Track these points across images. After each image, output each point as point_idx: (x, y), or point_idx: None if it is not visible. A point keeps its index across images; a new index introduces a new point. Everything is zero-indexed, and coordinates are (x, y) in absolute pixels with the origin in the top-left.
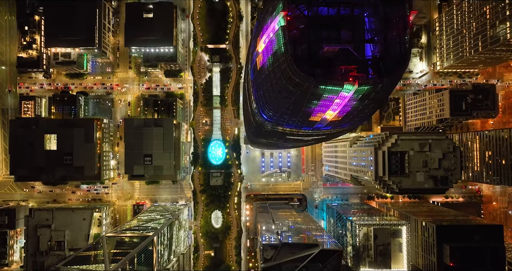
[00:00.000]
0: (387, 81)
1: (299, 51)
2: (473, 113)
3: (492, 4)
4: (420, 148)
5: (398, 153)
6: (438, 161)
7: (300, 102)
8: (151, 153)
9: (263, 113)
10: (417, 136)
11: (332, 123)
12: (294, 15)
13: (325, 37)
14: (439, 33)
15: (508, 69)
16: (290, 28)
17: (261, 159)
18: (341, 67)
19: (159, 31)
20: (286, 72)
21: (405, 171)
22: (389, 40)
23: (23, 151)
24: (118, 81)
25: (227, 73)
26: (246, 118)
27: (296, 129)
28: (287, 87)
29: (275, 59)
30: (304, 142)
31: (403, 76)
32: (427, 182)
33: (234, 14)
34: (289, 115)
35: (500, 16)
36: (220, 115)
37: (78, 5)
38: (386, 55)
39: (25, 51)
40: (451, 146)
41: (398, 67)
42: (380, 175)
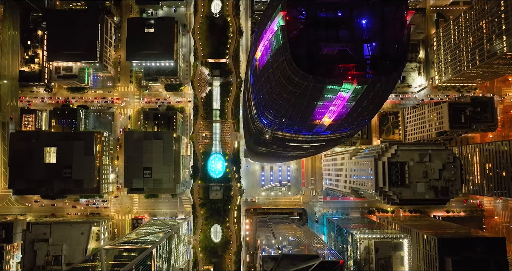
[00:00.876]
0: (386, 80)
1: (298, 50)
2: (472, 126)
3: (488, 19)
4: (420, 158)
5: (398, 163)
6: (438, 172)
7: (300, 104)
8: (150, 166)
9: (262, 118)
10: (417, 147)
11: (331, 127)
12: (293, 16)
13: (324, 37)
14: (436, 48)
15: (506, 83)
16: (289, 28)
17: (261, 172)
18: (340, 65)
19: (160, 46)
20: (286, 71)
21: (406, 181)
22: (387, 40)
23: (22, 164)
24: (118, 95)
25: (227, 87)
26: (246, 126)
27: (296, 134)
28: (286, 88)
29: (275, 60)
30: (304, 149)
31: (402, 91)
32: (428, 193)
33: (234, 29)
34: (289, 118)
35: (496, 30)
36: (220, 128)
37: (81, 20)
38: (384, 55)
39: (27, 65)
40: (451, 156)
41: (396, 66)
42: (380, 185)
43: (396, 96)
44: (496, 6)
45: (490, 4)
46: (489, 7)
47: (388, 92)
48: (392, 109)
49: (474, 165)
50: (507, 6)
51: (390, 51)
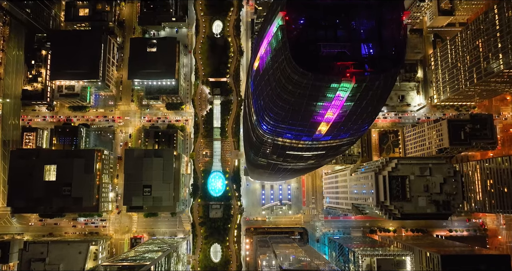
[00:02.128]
0: (384, 78)
1: (297, 49)
2: (473, 143)
3: (484, 38)
4: (421, 172)
5: (399, 177)
6: (439, 186)
7: (299, 105)
8: (150, 183)
9: (263, 123)
10: (417, 160)
11: (330, 131)
12: (292, 16)
13: (322, 36)
14: (434, 67)
15: (504, 102)
16: (288, 28)
17: (261, 191)
18: (338, 63)
19: (162, 65)
20: (285, 71)
21: (407, 195)
22: (384, 40)
23: (21, 182)
24: (120, 114)
25: (227, 105)
26: (247, 137)
27: (296, 141)
28: (286, 88)
29: (275, 61)
30: (304, 160)
31: (401, 110)
32: (429, 207)
33: (235, 49)
34: (289, 122)
35: (492, 48)
36: (221, 147)
37: (84, 39)
38: (382, 54)
39: (30, 84)
40: (451, 170)
41: (394, 64)
42: (381, 200)
43: (395, 115)
44: (491, 25)
45: (485, 24)
46: (484, 26)
47: (386, 93)
48: (392, 128)
49: (475, 182)
50: (502, 25)
51: (388, 50)
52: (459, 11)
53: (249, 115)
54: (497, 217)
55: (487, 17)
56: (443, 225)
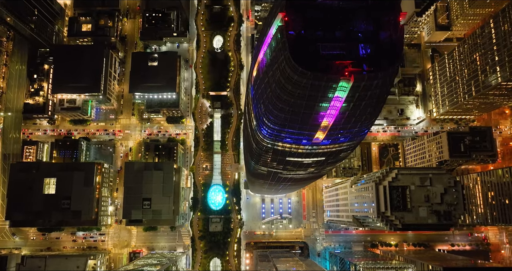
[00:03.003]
0: (382, 77)
1: (296, 49)
2: (472, 155)
3: (481, 52)
4: (421, 182)
5: (399, 187)
6: (440, 196)
7: (299, 106)
8: (150, 196)
9: (262, 128)
10: (417, 171)
11: (330, 135)
12: (291, 17)
13: (321, 37)
14: (433, 81)
15: (503, 116)
16: (287, 29)
17: (261, 205)
18: (337, 62)
19: (163, 78)
20: (285, 71)
21: (407, 206)
22: (382, 40)
23: (21, 195)
24: (120, 128)
25: (228, 119)
26: (247, 145)
27: (296, 145)
28: (286, 88)
29: (274, 62)
30: (304, 167)
31: (400, 123)
32: (431, 217)
33: (235, 64)
34: (288, 124)
35: (490, 62)
36: (221, 160)
37: (86, 54)
38: (380, 54)
39: (32, 98)
40: (451, 180)
41: (391, 63)
42: (382, 210)
43: (395, 128)
44: (488, 39)
45: (482, 38)
46: (481, 41)
47: (384, 93)
48: (392, 141)
49: (476, 195)
50: (499, 39)
51: (385, 50)
52: (456, 26)
53: (249, 122)
54: (499, 231)
55: (484, 31)
56: (445, 239)
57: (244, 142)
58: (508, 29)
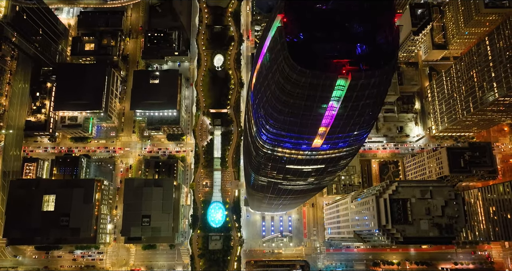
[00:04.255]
0: (379, 75)
1: (295, 49)
2: (473, 170)
3: (478, 68)
4: (422, 195)
5: (400, 200)
6: (441, 208)
7: (298, 107)
8: (149, 213)
9: (262, 133)
10: (418, 183)
11: (329, 140)
12: (290, 18)
13: (319, 37)
14: (431, 99)
15: (502, 133)
16: (286, 31)
17: (261, 222)
18: (335, 61)
19: (164, 96)
20: (284, 71)
21: (408, 218)
22: (378, 40)
23: (19, 212)
24: (121, 145)
25: (228, 136)
26: (247, 155)
27: (295, 151)
28: (285, 89)
29: (273, 63)
30: (304, 176)
31: (400, 140)
32: (432, 230)
33: (236, 81)
34: (288, 127)
35: (486, 78)
36: (221, 177)
37: (89, 72)
38: (377, 53)
39: (34, 115)
40: (452, 193)
41: (388, 62)
42: (383, 223)
43: (394, 146)
44: (484, 56)
45: (478, 55)
46: (477, 58)
47: (382, 93)
48: (392, 158)
49: (478, 210)
50: (494, 56)
51: (381, 50)
52: (452, 45)
53: (249, 130)
54: (503, 249)
55: (480, 49)
56: (448, 258)
57: (244, 153)
58: (503, 46)
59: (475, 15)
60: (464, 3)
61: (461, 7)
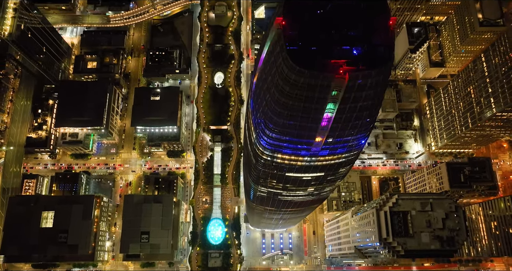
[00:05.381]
0: (376, 75)
1: (294, 51)
2: (473, 185)
3: (475, 84)
4: (422, 207)
5: (400, 212)
6: (441, 221)
7: (297, 109)
8: (148, 230)
9: (262, 139)
10: (418, 196)
11: (328, 144)
12: (289, 21)
13: (317, 40)
14: (430, 116)
15: (501, 150)
16: (285, 33)
17: (261, 240)
18: (332, 61)
19: (164, 112)
20: (283, 72)
21: (409, 231)
22: (375, 42)
23: (17, 229)
24: (121, 162)
25: (228, 152)
26: (246, 164)
27: (295, 156)
28: (284, 90)
29: (273, 66)
30: (304, 186)
31: (400, 157)
32: (433, 243)
33: (236, 98)
34: (287, 131)
35: (483, 94)
36: (221, 193)
37: (90, 89)
38: (373, 54)
39: (35, 132)
40: (453, 205)
41: (384, 62)
42: (384, 236)
43: (394, 162)
44: (480, 72)
45: (475, 72)
46: (474, 74)
47: (379, 95)
48: (392, 175)
49: (479, 225)
50: (490, 72)
51: (377, 51)
52: (449, 63)
53: (249, 138)
54: (506, 267)
55: (476, 65)
56: None
57: (244, 164)
58: (498, 62)
59: (470, 34)
60: (459, 22)
61: (457, 26)
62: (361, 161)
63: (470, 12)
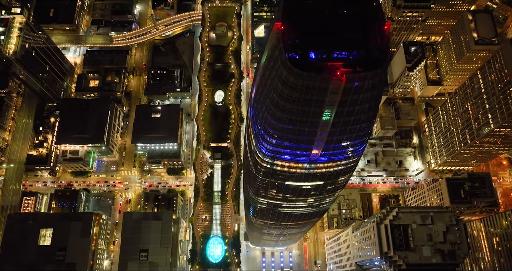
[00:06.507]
0: (372, 77)
1: (292, 54)
2: (473, 201)
3: (472, 101)
4: (422, 220)
5: (401, 226)
6: (442, 234)
7: (296, 113)
8: (147, 247)
9: (262, 146)
10: (418, 209)
11: (326, 150)
12: (287, 26)
13: (315, 44)
14: (429, 133)
15: (501, 167)
16: (283, 38)
17: (261, 258)
18: (329, 64)
19: (165, 129)
20: (281, 75)
21: (410, 245)
22: (370, 46)
23: (15, 247)
24: (121, 179)
25: (228, 169)
26: (246, 174)
27: (294, 163)
28: (283, 94)
29: (272, 70)
30: (303, 196)
31: (399, 174)
32: (435, 257)
33: (236, 116)
34: (286, 136)
35: (481, 110)
36: (220, 211)
37: (92, 107)
38: (369, 56)
39: (35, 149)
40: (453, 218)
41: (379, 65)
42: (385, 250)
43: (394, 179)
44: (477, 89)
45: (471, 89)
46: (471, 91)
47: (375, 98)
48: (392, 192)
49: (481, 241)
50: (487, 88)
51: (373, 54)
52: (446, 81)
53: (249, 147)
54: None
55: (473, 82)
56: None
57: (244, 176)
58: (494, 78)
59: (466, 52)
60: (455, 41)
61: (453, 45)
62: (361, 178)
63: (465, 32)
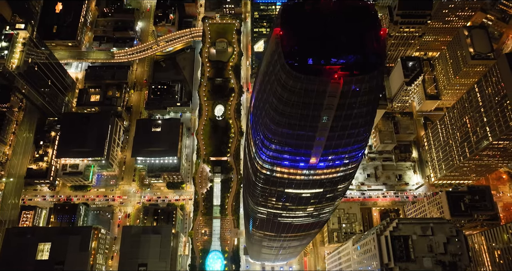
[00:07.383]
0: (369, 80)
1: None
2: (474, 214)
3: (470, 114)
4: (423, 231)
5: (401, 237)
6: (443, 246)
7: (295, 117)
8: (146, 261)
9: (261, 152)
10: (418, 220)
11: (325, 156)
12: (286, 32)
13: (313, 49)
14: (428, 147)
15: (501, 181)
16: (282, 43)
17: None
18: (327, 67)
19: (165, 143)
20: (280, 79)
21: (411, 256)
22: (367, 50)
23: (13, 261)
24: (120, 193)
25: (227, 183)
26: (246, 183)
27: (294, 169)
28: (282, 97)
29: (271, 74)
30: (303, 204)
31: (399, 189)
32: (436, 268)
33: (236, 130)
34: (285, 141)
35: (479, 123)
36: (220, 225)
37: (92, 121)
38: (365, 60)
39: (35, 163)
40: (453, 229)
41: (376, 68)
42: (385, 262)
43: (394, 193)
44: (475, 102)
45: (469, 102)
46: (468, 105)
47: (373, 101)
48: (392, 206)
49: (483, 254)
50: (484, 101)
51: (370, 58)
52: (444, 96)
53: (249, 154)
54: None
55: (470, 96)
56: None
57: (244, 185)
58: (491, 92)
59: (463, 67)
60: (452, 56)
61: (450, 60)
62: (361, 192)
63: (462, 47)
